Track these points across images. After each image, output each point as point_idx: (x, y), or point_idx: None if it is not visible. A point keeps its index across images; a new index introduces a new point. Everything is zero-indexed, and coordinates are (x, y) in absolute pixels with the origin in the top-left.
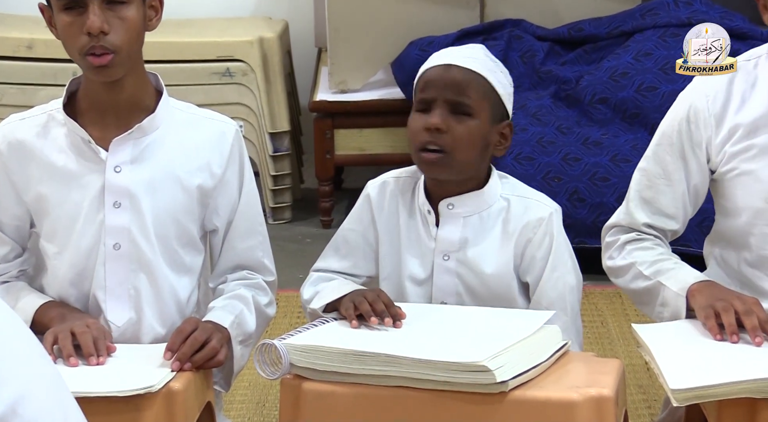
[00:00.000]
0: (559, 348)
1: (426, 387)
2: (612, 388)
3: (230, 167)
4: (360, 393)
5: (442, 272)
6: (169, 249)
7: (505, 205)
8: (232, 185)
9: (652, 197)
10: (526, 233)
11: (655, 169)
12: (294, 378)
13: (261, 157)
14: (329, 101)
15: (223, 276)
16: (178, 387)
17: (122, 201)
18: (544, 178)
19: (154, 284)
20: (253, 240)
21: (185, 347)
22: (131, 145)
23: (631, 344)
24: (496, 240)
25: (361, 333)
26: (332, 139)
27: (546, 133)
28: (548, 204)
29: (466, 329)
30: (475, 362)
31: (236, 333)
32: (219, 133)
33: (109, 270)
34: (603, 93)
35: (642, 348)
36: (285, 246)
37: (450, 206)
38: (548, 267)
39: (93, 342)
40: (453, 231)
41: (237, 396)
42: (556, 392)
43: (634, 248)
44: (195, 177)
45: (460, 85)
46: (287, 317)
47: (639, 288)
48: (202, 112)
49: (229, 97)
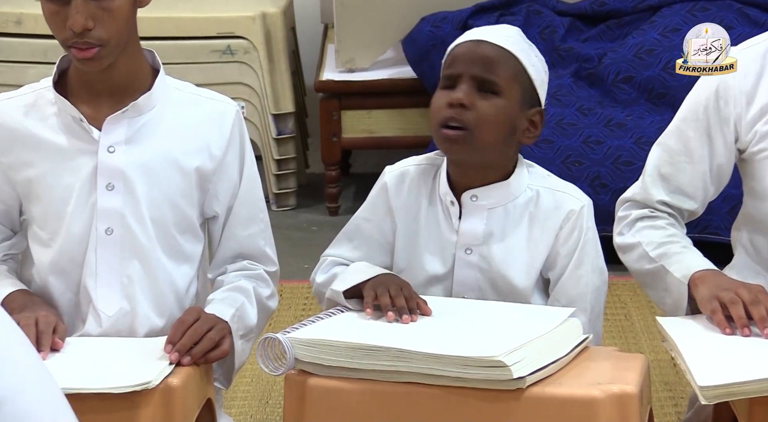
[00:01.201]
0: (580, 343)
1: (438, 383)
2: (636, 385)
3: (230, 150)
4: (368, 389)
5: (464, 266)
6: (166, 236)
7: (533, 196)
8: (232, 169)
9: (671, 174)
10: (555, 228)
11: (676, 145)
12: (299, 373)
13: (264, 140)
14: (336, 81)
15: (223, 266)
16: (177, 382)
17: (115, 183)
18: (563, 163)
19: (149, 272)
20: (255, 227)
21: (184, 338)
22: (126, 124)
23: (657, 338)
24: (522, 235)
25: (370, 326)
26: (339, 121)
27: (566, 114)
28: (579, 197)
29: (482, 323)
30: (490, 357)
31: (237, 327)
32: (219, 113)
33: (101, 256)
34: (627, 71)
35: (667, 343)
36: (289, 234)
37: (474, 198)
38: (572, 264)
39: (36, 337)
40: (477, 225)
41: (239, 393)
42: (577, 389)
43: (645, 226)
44: (193, 159)
45: (490, 61)
46: (291, 309)
47: (643, 270)
48: (201, 92)
49: (230, 77)
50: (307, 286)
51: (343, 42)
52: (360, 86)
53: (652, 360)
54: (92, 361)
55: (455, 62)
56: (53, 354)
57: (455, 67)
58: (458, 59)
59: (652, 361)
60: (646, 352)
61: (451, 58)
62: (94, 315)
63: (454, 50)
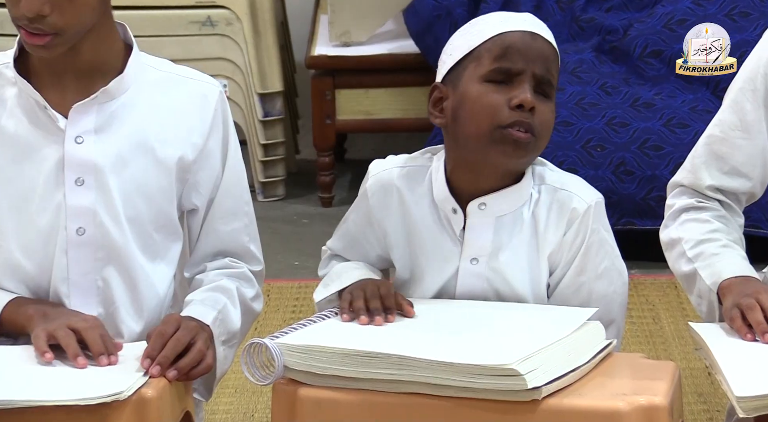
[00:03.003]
0: (602, 349)
1: (444, 394)
2: (666, 396)
3: (213, 136)
4: (366, 400)
5: (469, 276)
6: (142, 234)
7: (537, 197)
8: (214, 157)
9: (725, 152)
10: (559, 233)
11: (730, 119)
12: (288, 383)
13: (248, 122)
14: (329, 56)
15: (202, 264)
16: (152, 394)
17: (85, 177)
18: (584, 147)
19: (126, 275)
20: (238, 222)
21: (166, 349)
22: (95, 111)
23: (689, 343)
24: (529, 242)
25: (368, 330)
26: (333, 102)
27: (587, 93)
28: (585, 196)
29: (493, 327)
30: (502, 365)
31: (219, 332)
32: (200, 95)
33: (73, 259)
34: (656, 44)
35: (701, 351)
36: (277, 228)
37: (482, 206)
38: (572, 271)
39: (101, 339)
40: (484, 235)
41: (221, 405)
42: (599, 400)
43: (689, 219)
44: (172, 148)
45: (548, 59)
46: (280, 312)
47: (681, 272)
48: (180, 70)
49: (210, 51)
50: (297, 285)
51: (337, 13)
52: (356, 62)
53: (683, 369)
54: (56, 370)
55: (513, 55)
56: (7, 364)
57: (515, 62)
58: (517, 53)
59: (683, 370)
60: (677, 360)
61: (504, 47)
62: None
63: (505, 38)
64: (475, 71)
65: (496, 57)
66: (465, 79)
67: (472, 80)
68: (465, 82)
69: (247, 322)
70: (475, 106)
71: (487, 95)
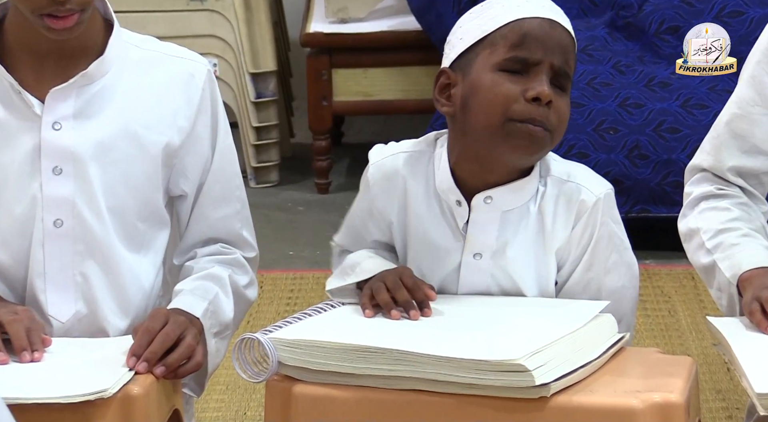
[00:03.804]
0: (614, 343)
1: (447, 391)
2: (682, 393)
3: (201, 118)
4: (364, 397)
5: (472, 271)
6: (125, 225)
7: (543, 190)
8: (203, 141)
9: (745, 129)
10: (567, 228)
11: (749, 94)
12: (282, 379)
13: (240, 104)
14: (326, 34)
15: (192, 250)
16: (138, 391)
17: (63, 166)
18: (596, 130)
19: (108, 269)
20: (230, 207)
21: (154, 345)
22: (74, 95)
23: (706, 337)
24: (535, 241)
25: (367, 323)
26: (330, 82)
27: (599, 72)
28: (593, 188)
29: (498, 321)
30: (509, 360)
31: (210, 324)
32: (186, 74)
33: (49, 252)
34: (673, 20)
35: (720, 346)
36: (271, 215)
37: (488, 200)
38: (580, 267)
39: (26, 333)
40: (489, 230)
41: (211, 403)
42: (611, 398)
43: (708, 207)
44: (157, 133)
45: (567, 50)
46: (274, 304)
47: (700, 264)
48: (164, 48)
49: (199, 28)
50: (292, 277)
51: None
52: (354, 40)
53: (701, 364)
54: (38, 366)
55: (530, 44)
56: None
57: (532, 51)
58: (535, 41)
59: (701, 365)
60: (694, 355)
61: (522, 35)
62: (43, 321)
63: (522, 25)
64: (489, 59)
65: (513, 45)
66: (477, 67)
67: (485, 68)
68: (477, 70)
69: (241, 311)
70: (488, 95)
71: (501, 85)
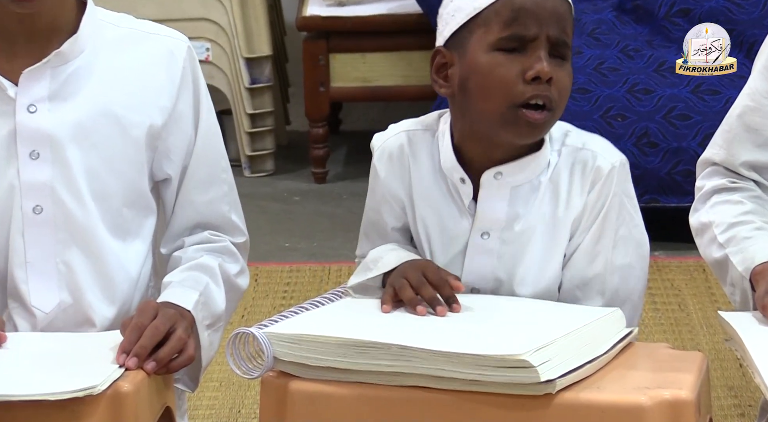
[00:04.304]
0: (623, 338)
1: (448, 387)
2: (692, 390)
3: (182, 97)
4: (363, 394)
5: (479, 253)
6: (109, 211)
7: (557, 161)
8: (185, 120)
9: (759, 123)
10: (582, 197)
11: (762, 85)
12: (278, 375)
13: (234, 90)
14: (323, 17)
15: (180, 238)
16: (128, 388)
17: (41, 150)
18: (603, 117)
19: (93, 257)
20: (216, 190)
21: (144, 339)
22: (48, 76)
23: (718, 332)
24: (548, 212)
25: (366, 317)
26: (327, 67)
27: (607, 56)
28: (608, 156)
29: (503, 317)
30: (513, 355)
31: (202, 316)
32: (165, 52)
33: (30, 240)
34: (684, 2)
35: (732, 342)
36: (266, 206)
37: (498, 175)
38: (589, 238)
39: None
40: (498, 206)
41: (204, 400)
42: (619, 395)
43: (720, 201)
44: (138, 113)
45: (563, 18)
46: (269, 298)
47: (712, 259)
48: (141, 26)
49: (191, 11)
50: (288, 269)
51: None
52: (352, 23)
53: (712, 360)
54: (23, 361)
55: (524, 19)
56: None
57: (527, 27)
58: (529, 15)
59: (712, 361)
60: (705, 350)
61: (515, 10)
62: (25, 312)
63: (516, 1)
64: (484, 38)
65: (507, 22)
66: (472, 47)
67: (480, 49)
68: (473, 51)
69: (233, 301)
70: (487, 80)
71: (499, 67)
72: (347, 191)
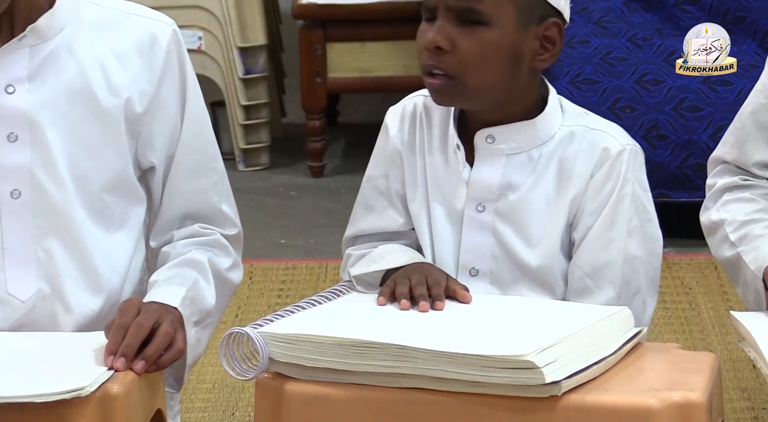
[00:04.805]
0: (631, 338)
1: (450, 389)
2: (703, 391)
3: (166, 82)
4: (361, 396)
5: (474, 228)
6: (90, 196)
7: (565, 138)
8: (169, 107)
9: None
10: (585, 176)
11: None
12: (274, 377)
13: (228, 80)
14: (319, 4)
15: (169, 231)
16: (118, 389)
17: (19, 132)
18: (611, 108)
19: (73, 244)
20: (205, 179)
21: (129, 337)
22: (27, 55)
23: (731, 332)
24: (548, 188)
25: (365, 317)
26: (324, 57)
27: (615, 46)
28: (621, 139)
29: (507, 316)
30: (517, 356)
31: (190, 312)
32: (148, 35)
33: (7, 226)
34: None
35: (745, 342)
36: (261, 201)
37: (489, 139)
38: (599, 223)
39: None
40: (491, 173)
41: (197, 402)
42: (627, 396)
43: (732, 198)
44: (117, 96)
45: None
46: (264, 296)
47: (724, 258)
48: (125, 7)
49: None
50: (284, 267)
51: None
52: (351, 11)
53: (724, 361)
54: (8, 362)
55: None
56: None
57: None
58: None
59: (724, 362)
60: (716, 351)
61: None
62: (1, 301)
63: None
64: None
65: None
66: None
67: None
68: None
69: (224, 296)
70: None
71: (418, 36)
72: (345, 186)
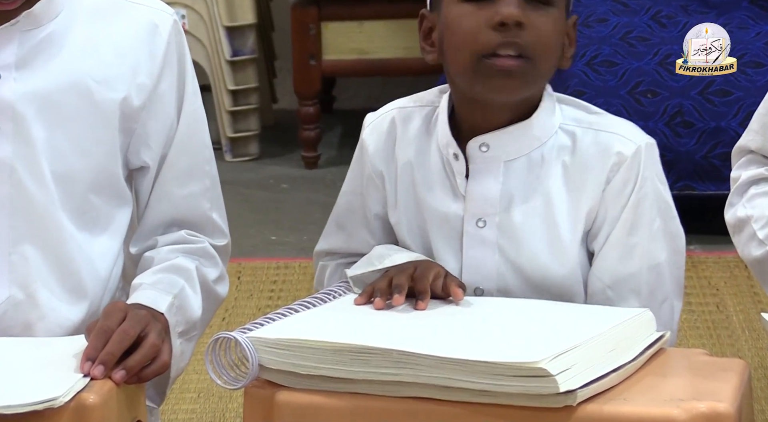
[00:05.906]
0: (653, 343)
1: (457, 398)
2: (732, 401)
3: (165, 76)
4: (359, 406)
5: (476, 244)
6: (74, 197)
7: (568, 141)
8: (167, 102)
9: None
10: (600, 183)
11: None
12: (264, 385)
13: (213, 63)
14: None
15: (153, 237)
16: (94, 400)
17: (2, 124)
18: (631, 93)
19: (51, 247)
20: (197, 184)
21: (111, 344)
22: (17, 41)
23: (762, 337)
24: (555, 196)
25: (363, 321)
26: (318, 37)
27: (635, 24)
28: (633, 137)
29: (518, 320)
30: (529, 363)
31: (176, 321)
32: (149, 25)
33: None
34: None
35: None
36: (250, 194)
37: (483, 147)
38: (619, 230)
39: None
40: (490, 184)
41: (180, 413)
42: (649, 407)
43: (758, 192)
44: (113, 90)
45: None
46: (254, 298)
47: (752, 258)
48: None
49: None
50: (275, 266)
51: None
52: None
53: (755, 368)
54: None
55: None
56: None
57: None
58: None
59: (755, 369)
60: (746, 357)
61: None
62: None
63: None
64: None
65: None
66: (446, 2)
67: (452, 2)
68: (446, 5)
69: (210, 310)
70: (456, 33)
71: (465, 17)
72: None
